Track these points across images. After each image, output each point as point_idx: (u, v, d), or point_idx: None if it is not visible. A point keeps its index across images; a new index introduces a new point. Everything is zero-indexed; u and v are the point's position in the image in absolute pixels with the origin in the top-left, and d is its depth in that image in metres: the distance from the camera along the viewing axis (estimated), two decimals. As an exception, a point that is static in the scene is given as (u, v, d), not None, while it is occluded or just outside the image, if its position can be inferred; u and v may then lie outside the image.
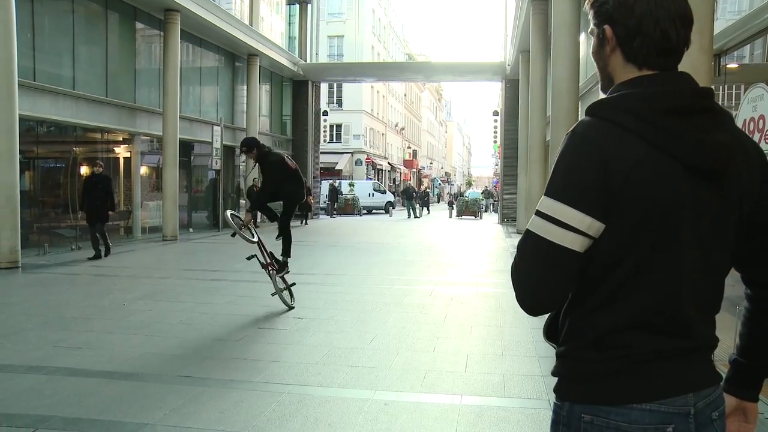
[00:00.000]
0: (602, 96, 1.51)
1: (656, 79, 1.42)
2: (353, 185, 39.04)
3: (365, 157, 51.08)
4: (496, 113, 33.64)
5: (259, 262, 8.06)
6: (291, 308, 8.00)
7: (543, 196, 1.40)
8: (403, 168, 68.49)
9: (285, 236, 8.37)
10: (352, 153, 49.90)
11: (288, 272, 8.33)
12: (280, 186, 8.04)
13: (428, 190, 48.68)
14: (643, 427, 1.38)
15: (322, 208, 33.34)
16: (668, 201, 1.35)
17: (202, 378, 5.21)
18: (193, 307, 8.12)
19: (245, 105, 24.13)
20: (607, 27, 1.46)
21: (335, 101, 48.10)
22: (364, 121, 51.04)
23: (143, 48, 18.53)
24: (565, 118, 10.20)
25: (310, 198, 25.93)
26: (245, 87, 24.20)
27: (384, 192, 42.68)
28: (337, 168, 46.61)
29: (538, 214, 1.39)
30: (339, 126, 48.28)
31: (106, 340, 6.35)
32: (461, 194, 40.95)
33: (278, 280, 8.08)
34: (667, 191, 1.35)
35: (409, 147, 71.82)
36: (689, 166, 1.35)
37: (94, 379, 5.10)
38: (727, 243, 1.46)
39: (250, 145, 8.24)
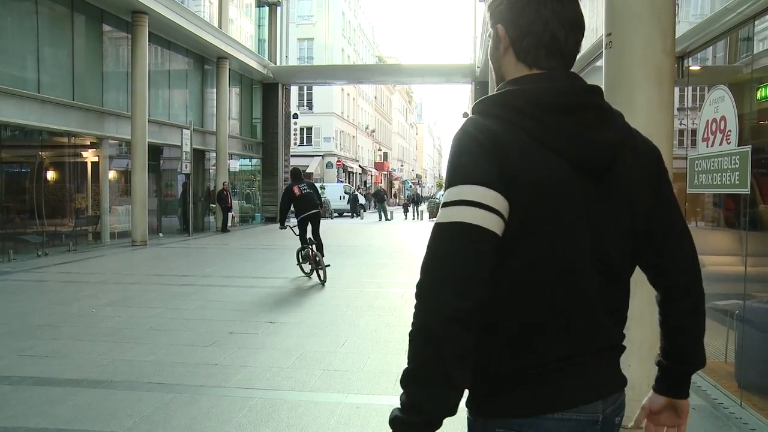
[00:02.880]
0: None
1: (541, 77, 1.42)
2: (324, 188, 38.91)
3: (336, 159, 50.96)
4: (465, 115, 33.63)
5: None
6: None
7: (446, 190, 1.32)
8: (374, 170, 68.47)
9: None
10: (323, 156, 49.73)
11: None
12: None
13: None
14: None
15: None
16: (553, 188, 1.33)
17: (173, 384, 5.16)
18: (163, 313, 8.03)
19: (215, 108, 23.91)
20: (500, 26, 1.46)
21: (305, 104, 47.92)
22: (334, 124, 50.94)
23: (111, 51, 18.22)
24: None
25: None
26: (215, 90, 23.98)
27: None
28: (308, 171, 46.39)
29: (448, 204, 1.29)
30: (309, 129, 48.17)
31: (74, 348, 6.25)
32: (419, 197, 40.47)
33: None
34: (555, 185, 1.33)
35: (379, 149, 71.84)
36: (570, 160, 1.34)
37: (61, 388, 5.01)
38: (623, 242, 1.46)
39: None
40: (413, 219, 34.94)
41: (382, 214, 34.41)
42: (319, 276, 10.87)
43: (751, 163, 4.61)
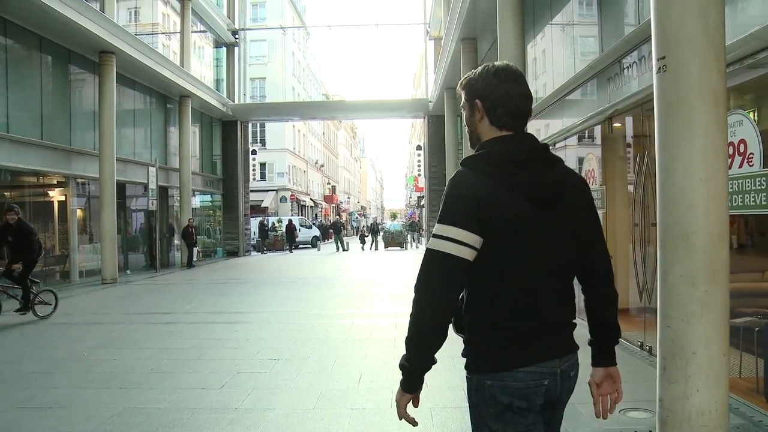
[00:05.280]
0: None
1: (508, 139, 1.99)
2: (281, 222, 38.21)
3: (289, 194, 50.30)
4: (419, 148, 33.64)
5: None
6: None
7: (438, 224, 1.89)
8: (324, 203, 67.95)
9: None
10: (277, 190, 49.01)
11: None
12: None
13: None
14: (526, 383, 1.91)
15: (252, 245, 32.32)
16: (517, 222, 1.87)
17: (198, 433, 4.62)
18: (159, 354, 7.41)
19: (178, 146, 23.14)
20: (478, 101, 2.02)
21: (259, 141, 47.10)
22: (287, 160, 50.35)
23: (78, 90, 17.33)
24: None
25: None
26: (177, 128, 23.21)
27: (310, 227, 41.85)
28: (263, 205, 45.56)
29: (437, 236, 1.87)
30: (263, 164, 47.24)
31: (76, 397, 5.61)
32: (377, 226, 39.72)
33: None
34: (516, 215, 1.87)
35: (328, 183, 71.42)
36: (527, 197, 1.88)
37: (79, 444, 4.43)
38: (568, 250, 2.00)
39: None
40: (371, 249, 34.26)
41: (339, 244, 33.82)
42: (35, 313, 10.12)
43: None
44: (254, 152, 32.14)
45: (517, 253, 1.88)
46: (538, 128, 11.67)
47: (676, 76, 3.58)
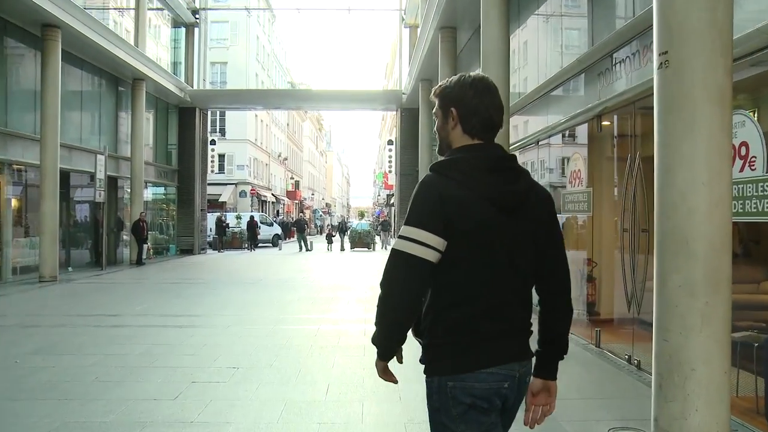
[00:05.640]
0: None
1: (478, 148, 2.18)
2: (240, 218, 37.82)
3: (250, 188, 49.85)
4: (390, 142, 33.58)
5: None
6: None
7: (404, 226, 2.07)
8: (286, 199, 67.53)
9: None
10: (236, 184, 48.53)
11: None
12: None
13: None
14: (488, 384, 2.05)
15: (208, 243, 31.90)
16: (483, 226, 2.05)
17: (148, 450, 4.47)
18: (104, 360, 7.20)
19: (129, 133, 22.69)
20: (453, 108, 2.20)
21: (218, 130, 46.55)
22: (248, 151, 49.87)
23: (16, 67, 16.77)
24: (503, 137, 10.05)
25: None
26: (130, 113, 22.76)
27: (271, 224, 41.46)
28: (221, 200, 45.09)
29: (402, 237, 2.05)
30: (222, 156, 46.66)
31: (9, 410, 5.37)
32: (345, 225, 39.28)
33: None
34: (481, 219, 2.05)
35: (292, 178, 71.01)
36: (493, 203, 2.07)
37: (14, 461, 4.24)
38: (528, 255, 2.16)
39: None
40: (341, 250, 33.95)
41: (303, 244, 33.55)
42: None
43: None
44: (213, 142, 31.72)
45: (482, 257, 2.06)
46: (516, 125, 11.69)
47: (680, 72, 3.55)
